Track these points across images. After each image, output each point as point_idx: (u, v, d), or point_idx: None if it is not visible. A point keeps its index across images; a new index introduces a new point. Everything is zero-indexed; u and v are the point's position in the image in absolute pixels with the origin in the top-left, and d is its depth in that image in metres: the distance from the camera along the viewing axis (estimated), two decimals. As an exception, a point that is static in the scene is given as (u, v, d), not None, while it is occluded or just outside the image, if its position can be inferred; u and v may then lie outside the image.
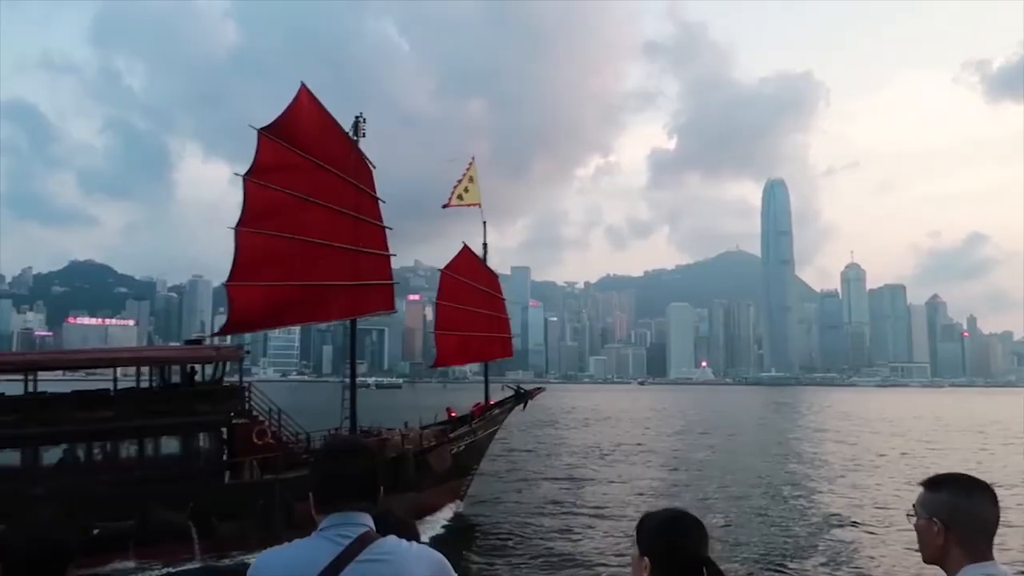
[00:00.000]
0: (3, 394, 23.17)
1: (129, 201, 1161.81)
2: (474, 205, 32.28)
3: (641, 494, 34.36)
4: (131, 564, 20.77)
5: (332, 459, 2.98)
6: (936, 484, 2.74)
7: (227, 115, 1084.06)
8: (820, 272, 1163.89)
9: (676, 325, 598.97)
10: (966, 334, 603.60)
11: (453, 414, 32.30)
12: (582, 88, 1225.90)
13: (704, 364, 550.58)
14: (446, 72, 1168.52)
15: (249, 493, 23.23)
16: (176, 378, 25.68)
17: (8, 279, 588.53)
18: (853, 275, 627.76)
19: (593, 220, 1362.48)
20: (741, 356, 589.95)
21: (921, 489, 2.79)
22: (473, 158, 33.02)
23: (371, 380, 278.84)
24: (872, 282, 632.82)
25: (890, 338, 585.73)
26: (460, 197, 32.06)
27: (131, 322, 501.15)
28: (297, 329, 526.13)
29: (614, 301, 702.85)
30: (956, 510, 2.64)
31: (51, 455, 22.02)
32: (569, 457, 48.29)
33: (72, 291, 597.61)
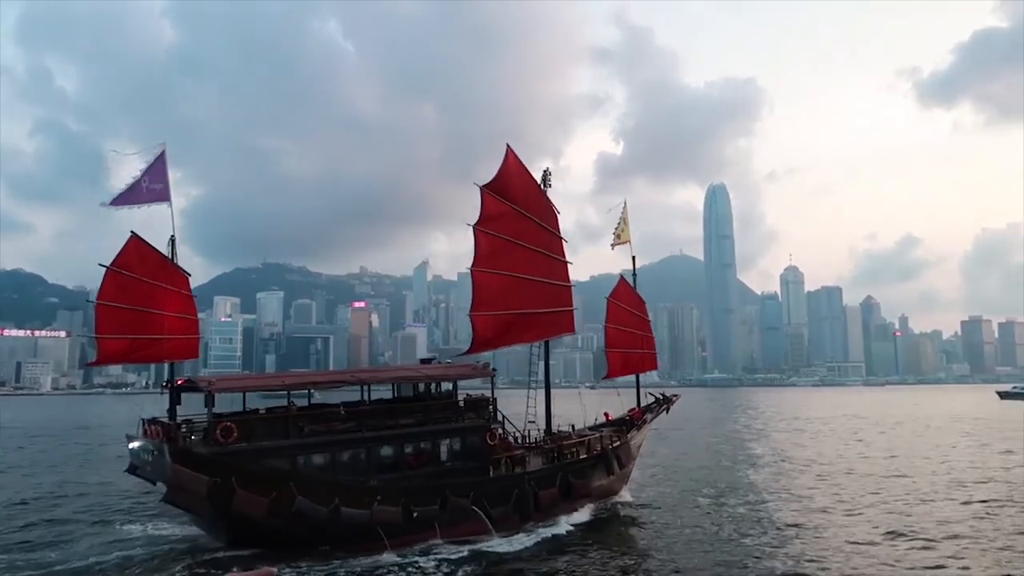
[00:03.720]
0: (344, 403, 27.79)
1: (62, 207, 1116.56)
2: (627, 242, 38.90)
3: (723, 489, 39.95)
4: (439, 540, 25.34)
5: None
6: None
7: (167, 117, 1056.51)
8: (763, 275, 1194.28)
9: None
10: (898, 333, 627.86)
11: (609, 416, 38.33)
12: (531, 92, 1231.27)
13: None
14: (394, 75, 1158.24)
15: (509, 484, 28.12)
16: (410, 392, 30.72)
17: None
18: (792, 277, 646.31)
19: None
20: (685, 358, 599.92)
21: None
22: (625, 201, 39.41)
23: None
24: (811, 284, 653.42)
25: (827, 338, 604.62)
26: (618, 237, 38.62)
27: (62, 333, 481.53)
28: (239, 336, 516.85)
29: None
30: None
31: (382, 453, 26.57)
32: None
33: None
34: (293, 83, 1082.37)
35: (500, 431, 29.75)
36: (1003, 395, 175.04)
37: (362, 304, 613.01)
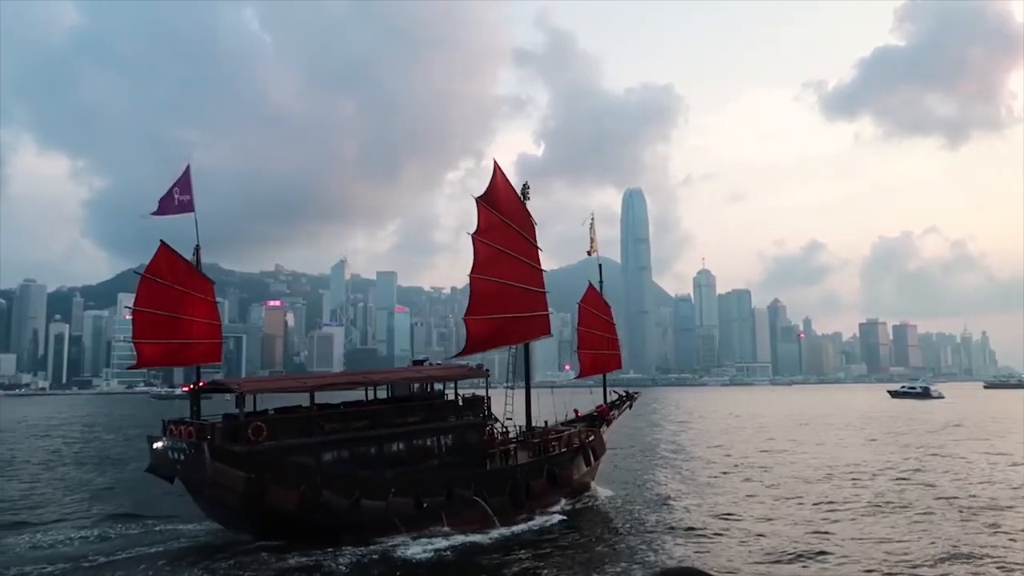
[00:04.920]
0: (354, 402, 30.07)
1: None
2: (596, 251, 42.29)
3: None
4: (446, 528, 27.16)
5: None
6: None
7: (68, 103, 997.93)
8: (677, 277, 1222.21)
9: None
10: (802, 335, 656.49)
11: (578, 413, 41.04)
12: (454, 92, 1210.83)
13: (567, 367, 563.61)
14: (313, 69, 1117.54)
15: (504, 476, 30.44)
16: (404, 391, 32.42)
17: None
18: (704, 280, 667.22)
19: (464, 225, 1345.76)
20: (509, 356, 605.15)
21: None
22: (592, 214, 42.92)
23: (178, 391, 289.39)
24: (722, 287, 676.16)
25: (736, 340, 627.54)
26: (592, 245, 41.77)
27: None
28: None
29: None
30: None
31: (392, 448, 28.32)
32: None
33: None
34: (206, 73, 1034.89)
35: (493, 427, 32.23)
36: (893, 394, 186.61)
37: (277, 303, 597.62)
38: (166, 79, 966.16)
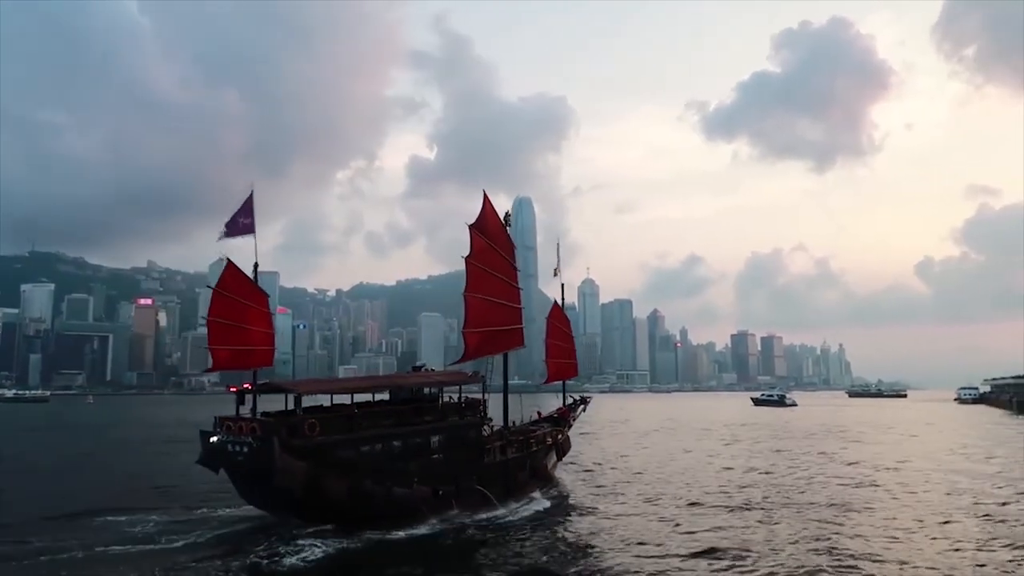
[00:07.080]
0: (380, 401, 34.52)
1: None
2: (559, 272, 47.82)
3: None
4: (455, 512, 31.25)
5: None
6: None
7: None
8: (565, 286, 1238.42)
9: (427, 335, 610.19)
10: (679, 345, 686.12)
11: (540, 414, 45.90)
12: (346, 90, 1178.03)
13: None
14: (197, 58, 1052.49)
15: (498, 468, 35.06)
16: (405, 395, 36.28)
17: None
18: (588, 290, 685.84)
19: (354, 226, 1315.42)
20: (486, 365, 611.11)
21: None
22: (559, 241, 49.30)
23: (10, 392, 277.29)
24: (606, 296, 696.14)
25: (617, 348, 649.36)
26: (557, 271, 47.79)
27: None
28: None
29: (366, 310, 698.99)
30: None
31: (411, 443, 31.73)
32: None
33: None
34: (77, 53, 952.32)
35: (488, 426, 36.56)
36: (756, 401, 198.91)
37: (148, 301, 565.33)
38: (29, 57, 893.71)
